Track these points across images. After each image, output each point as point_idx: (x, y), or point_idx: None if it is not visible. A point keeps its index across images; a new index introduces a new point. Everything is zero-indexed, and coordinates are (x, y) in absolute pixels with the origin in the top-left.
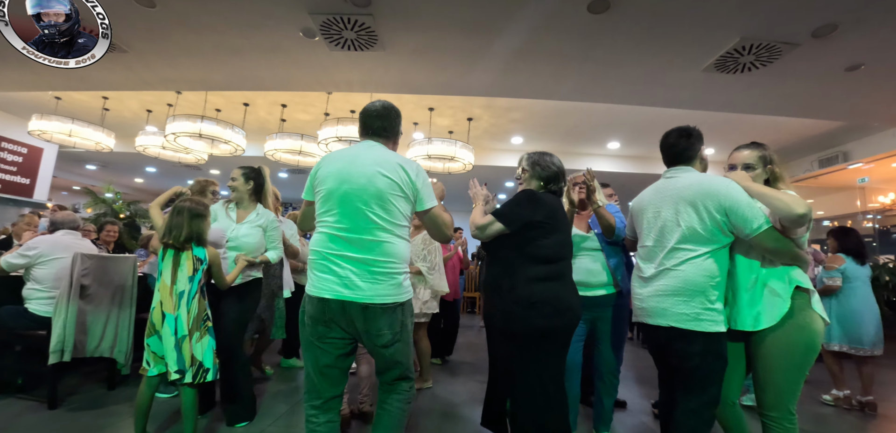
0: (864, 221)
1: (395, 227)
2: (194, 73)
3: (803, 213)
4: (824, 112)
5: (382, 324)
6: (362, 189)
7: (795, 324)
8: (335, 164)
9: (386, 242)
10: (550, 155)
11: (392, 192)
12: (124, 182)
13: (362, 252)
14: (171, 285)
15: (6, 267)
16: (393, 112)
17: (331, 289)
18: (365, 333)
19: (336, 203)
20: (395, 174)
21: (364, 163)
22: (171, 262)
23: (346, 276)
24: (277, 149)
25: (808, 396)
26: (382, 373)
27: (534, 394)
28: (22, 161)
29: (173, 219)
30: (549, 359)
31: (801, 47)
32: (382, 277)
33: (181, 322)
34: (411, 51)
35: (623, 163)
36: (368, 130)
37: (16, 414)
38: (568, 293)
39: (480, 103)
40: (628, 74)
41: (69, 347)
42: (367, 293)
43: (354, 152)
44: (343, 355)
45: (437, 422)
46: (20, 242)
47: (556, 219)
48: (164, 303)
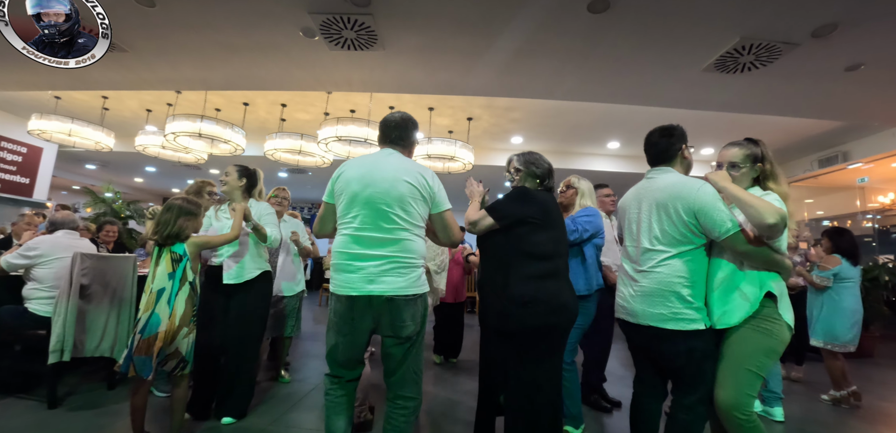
0: (864, 221)
1: (413, 227)
2: (194, 73)
3: (773, 224)
4: (824, 112)
5: (406, 315)
6: (386, 192)
7: (760, 328)
8: (358, 169)
9: (406, 240)
10: (539, 154)
11: (412, 195)
12: (124, 181)
13: (385, 249)
14: (150, 283)
15: (6, 267)
16: (410, 123)
17: (357, 287)
18: (390, 325)
19: (360, 206)
20: (416, 179)
21: (386, 168)
22: (154, 260)
23: (372, 273)
24: (277, 148)
25: (806, 396)
26: (392, 375)
27: (528, 394)
28: (21, 160)
29: (163, 215)
30: (544, 358)
31: (801, 47)
32: (405, 271)
33: (157, 318)
34: (411, 50)
35: (623, 163)
36: (387, 139)
37: (16, 413)
38: (563, 291)
39: (480, 103)
40: (628, 74)
41: (69, 347)
42: (391, 287)
43: (375, 159)
44: (362, 351)
45: (439, 422)
46: (20, 242)
47: (549, 216)
48: (141, 302)
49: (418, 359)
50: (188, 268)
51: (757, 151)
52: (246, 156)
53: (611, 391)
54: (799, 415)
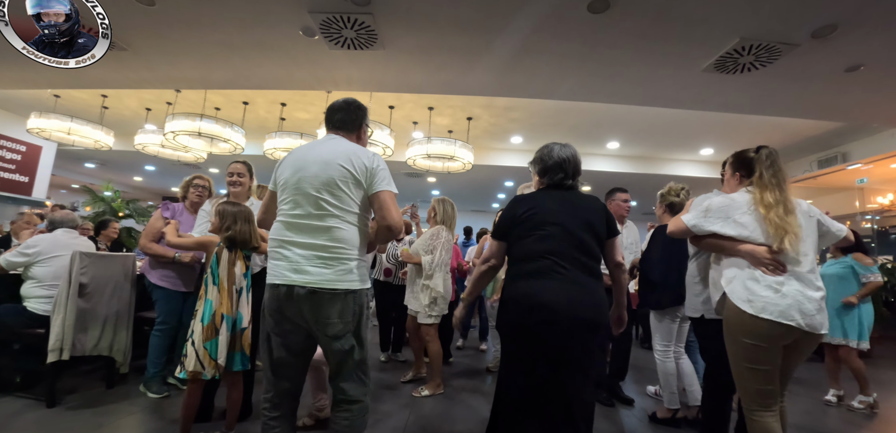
0: (863, 222)
1: (345, 213)
2: (194, 72)
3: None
4: (823, 113)
5: (331, 312)
6: (314, 177)
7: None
8: (294, 155)
9: (335, 228)
10: (555, 145)
11: (343, 179)
12: (123, 180)
13: (312, 237)
14: (230, 285)
15: (5, 265)
16: (353, 105)
17: (281, 275)
18: (315, 322)
19: (290, 191)
20: (348, 162)
21: (319, 153)
22: (227, 262)
23: (296, 261)
24: (277, 147)
25: (807, 397)
26: (333, 378)
27: (512, 394)
28: (21, 159)
29: (240, 225)
30: (522, 358)
31: (800, 48)
32: (331, 262)
33: (241, 316)
34: (411, 50)
35: (622, 162)
36: (330, 123)
37: (14, 412)
38: (544, 291)
39: (480, 103)
40: (628, 74)
41: (68, 346)
42: (314, 278)
43: (313, 145)
44: (297, 352)
45: (437, 423)
46: (19, 241)
47: (537, 214)
48: (223, 306)
49: (360, 353)
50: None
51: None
52: (245, 155)
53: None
54: (801, 415)
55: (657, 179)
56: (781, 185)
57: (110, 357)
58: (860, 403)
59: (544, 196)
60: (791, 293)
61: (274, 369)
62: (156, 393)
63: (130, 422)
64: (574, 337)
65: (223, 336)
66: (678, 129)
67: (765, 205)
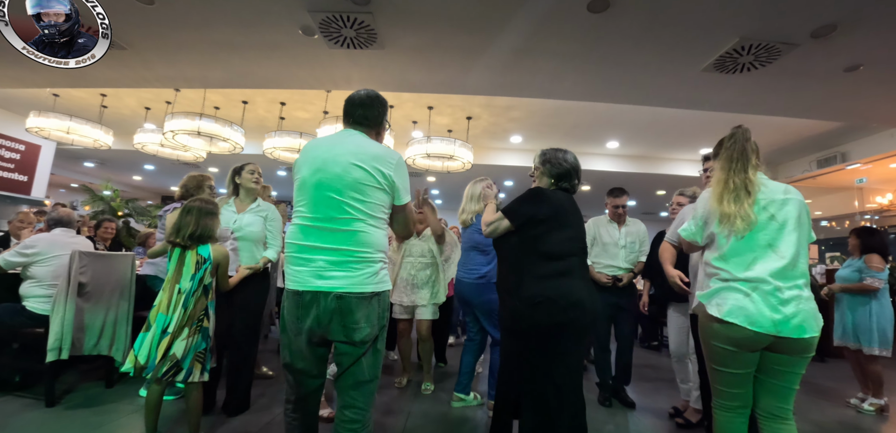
0: (862, 222)
1: (370, 217)
2: (193, 71)
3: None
4: (823, 112)
5: (359, 316)
6: (337, 178)
7: None
8: (312, 153)
9: (361, 232)
10: (564, 151)
11: (368, 182)
12: (122, 179)
13: (336, 242)
14: (175, 284)
15: (4, 265)
16: (377, 101)
17: (304, 281)
18: (342, 328)
19: (309, 192)
20: (373, 167)
21: (340, 152)
22: (176, 261)
23: (320, 266)
24: (276, 146)
25: (811, 404)
26: (341, 378)
27: (544, 395)
28: (20, 158)
29: (182, 217)
30: (558, 357)
31: (800, 48)
32: (358, 265)
33: (172, 319)
34: (410, 49)
35: (622, 162)
36: (350, 119)
37: (14, 411)
38: (577, 289)
39: (480, 102)
40: (628, 74)
41: (67, 345)
42: (341, 282)
43: (331, 141)
44: (318, 357)
45: (435, 424)
46: (18, 240)
47: (562, 216)
48: (161, 303)
49: (374, 366)
50: (208, 272)
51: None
52: (245, 154)
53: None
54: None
55: (657, 179)
56: (745, 166)
57: (110, 356)
58: (871, 406)
59: (563, 198)
60: (761, 297)
61: (294, 374)
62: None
63: (130, 421)
64: (591, 330)
65: (151, 333)
66: (678, 128)
67: (717, 189)
